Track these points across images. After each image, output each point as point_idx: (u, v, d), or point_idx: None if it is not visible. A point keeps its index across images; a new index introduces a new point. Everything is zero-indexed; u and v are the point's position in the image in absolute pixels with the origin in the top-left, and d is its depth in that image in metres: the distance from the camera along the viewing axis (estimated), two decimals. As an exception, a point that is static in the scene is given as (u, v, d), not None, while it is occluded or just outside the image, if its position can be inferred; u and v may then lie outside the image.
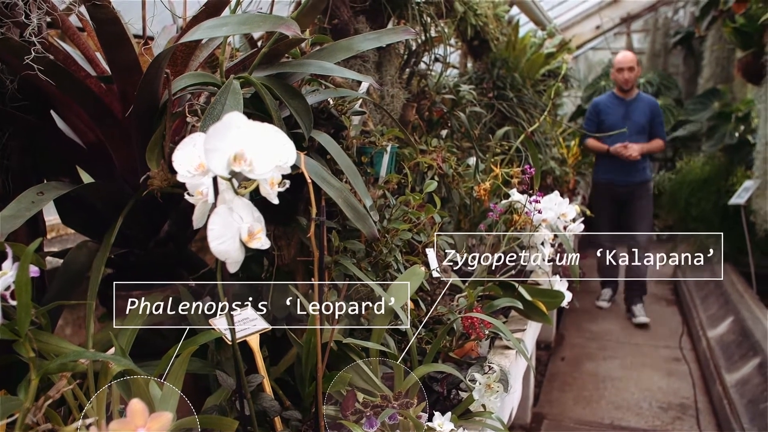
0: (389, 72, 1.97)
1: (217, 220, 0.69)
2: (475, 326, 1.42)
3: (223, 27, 0.94)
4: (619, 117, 4.98)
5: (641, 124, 4.97)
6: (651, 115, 5.01)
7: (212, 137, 0.62)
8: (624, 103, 5.05)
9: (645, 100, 5.10)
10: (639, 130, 4.96)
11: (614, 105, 5.08)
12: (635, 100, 5.05)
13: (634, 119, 4.96)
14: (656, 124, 5.01)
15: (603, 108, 5.10)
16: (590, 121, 5.14)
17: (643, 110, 5.00)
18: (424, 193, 1.69)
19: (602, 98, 5.28)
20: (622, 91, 5.06)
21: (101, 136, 1.30)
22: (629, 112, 4.99)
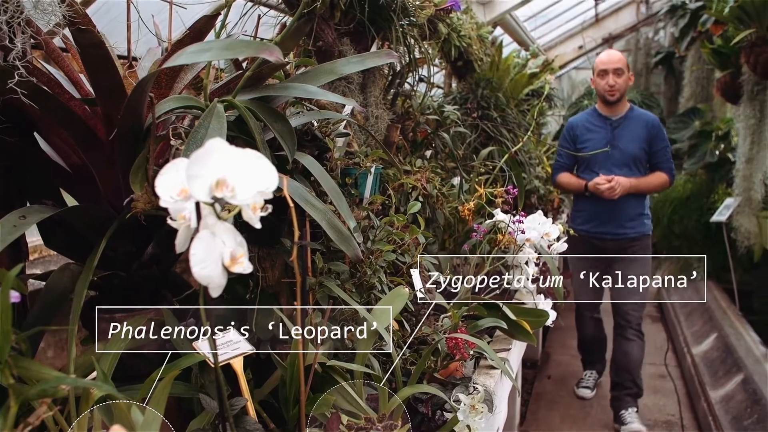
0: (374, 93, 1.99)
1: (199, 244, 0.69)
2: (459, 346, 1.43)
3: (206, 52, 0.95)
4: (602, 142, 3.52)
5: (633, 152, 3.47)
6: (649, 138, 3.48)
7: (194, 163, 0.63)
8: (609, 123, 3.54)
9: (640, 118, 3.54)
10: (630, 160, 3.48)
11: (596, 126, 3.58)
12: (625, 119, 3.52)
13: (624, 145, 3.48)
14: (658, 151, 3.50)
15: (580, 131, 3.60)
16: (563, 150, 3.65)
17: (637, 132, 3.48)
18: (408, 214, 1.71)
19: (579, 117, 3.71)
20: (607, 105, 3.55)
21: (85, 159, 1.30)
22: (617, 136, 3.50)
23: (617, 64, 3.47)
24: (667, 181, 3.52)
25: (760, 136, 4.80)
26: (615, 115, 3.55)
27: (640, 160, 3.49)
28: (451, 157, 2.52)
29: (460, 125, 2.74)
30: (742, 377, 3.83)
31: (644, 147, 3.47)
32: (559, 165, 3.68)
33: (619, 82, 3.46)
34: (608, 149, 3.46)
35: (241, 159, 0.66)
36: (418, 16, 2.10)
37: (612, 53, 3.57)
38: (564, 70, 9.15)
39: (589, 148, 3.52)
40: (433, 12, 2.13)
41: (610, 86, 3.46)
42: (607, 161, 3.47)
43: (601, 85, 3.50)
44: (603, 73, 3.49)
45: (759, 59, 4.04)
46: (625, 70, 3.49)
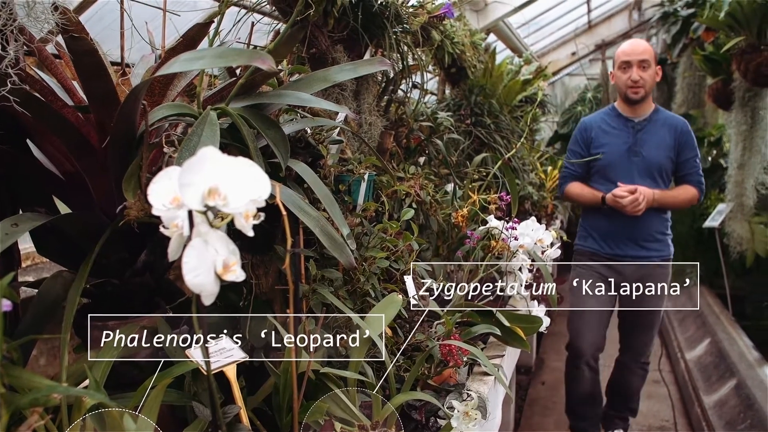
0: (367, 100, 1.99)
1: (191, 253, 0.69)
2: (453, 353, 1.43)
3: (199, 60, 0.95)
4: (621, 148, 2.95)
5: (658, 160, 2.91)
6: (677, 145, 2.93)
7: (187, 172, 0.63)
8: (631, 126, 2.95)
9: (667, 122, 2.96)
10: (655, 170, 2.92)
11: (615, 128, 2.98)
12: (650, 121, 2.94)
13: (648, 152, 2.91)
14: (686, 161, 2.95)
15: (596, 132, 3.01)
16: (574, 154, 3.07)
17: (663, 138, 2.92)
18: (402, 220, 1.71)
19: (595, 117, 3.11)
20: (629, 104, 2.96)
21: (78, 166, 1.30)
22: (640, 141, 2.92)
23: (643, 55, 2.83)
24: (696, 196, 2.94)
25: (752, 143, 4.84)
26: (638, 116, 2.93)
27: (666, 170, 2.92)
28: (444, 163, 2.53)
29: (453, 132, 2.75)
30: (736, 382, 3.84)
31: (671, 155, 2.90)
32: (569, 173, 3.04)
33: (645, 77, 2.84)
34: (629, 156, 2.92)
35: (233, 167, 0.66)
36: (411, 24, 2.11)
37: (637, 43, 2.92)
38: (557, 77, 9.19)
39: (606, 154, 2.95)
40: (426, 19, 2.14)
41: (634, 82, 2.84)
42: (628, 170, 2.89)
43: (623, 80, 2.88)
44: (625, 66, 2.88)
45: (749, 66, 4.07)
46: (653, 63, 2.86)
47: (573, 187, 3.05)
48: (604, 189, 2.94)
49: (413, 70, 2.44)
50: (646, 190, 2.80)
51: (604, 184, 2.95)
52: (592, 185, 3.01)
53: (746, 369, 3.95)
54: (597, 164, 2.96)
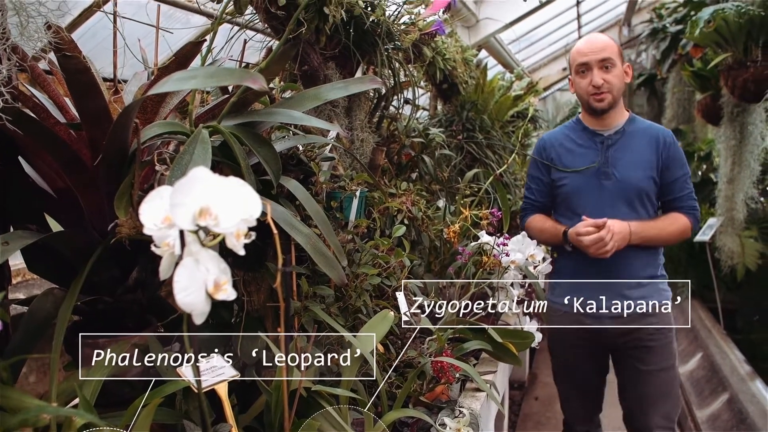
0: (359, 117, 2.00)
1: (183, 272, 0.69)
2: (444, 370, 1.43)
3: (191, 80, 0.96)
4: (588, 169, 2.23)
5: (635, 182, 2.19)
6: (660, 162, 2.22)
7: (178, 192, 0.64)
8: (599, 141, 2.24)
9: (645, 133, 2.25)
10: (632, 195, 2.20)
11: (580, 144, 2.27)
12: (623, 134, 2.25)
13: (622, 173, 2.20)
14: (674, 182, 2.24)
15: (557, 152, 2.31)
16: (533, 180, 2.37)
17: (641, 153, 2.22)
18: (393, 237, 1.71)
19: (556, 133, 2.39)
20: (594, 115, 2.26)
21: (70, 183, 1.30)
22: (612, 159, 2.21)
23: (603, 53, 2.15)
24: (688, 227, 2.24)
25: (741, 157, 4.88)
26: (607, 128, 2.23)
27: (647, 194, 2.19)
28: (436, 179, 2.54)
29: (445, 147, 2.77)
30: (728, 396, 3.85)
31: (652, 175, 2.18)
32: (529, 204, 2.36)
33: (610, 79, 2.16)
34: (598, 179, 2.19)
35: (224, 187, 0.67)
36: (402, 41, 2.13)
37: (594, 38, 2.22)
38: (548, 92, 9.26)
39: (569, 178, 2.22)
40: (417, 36, 2.16)
41: (596, 87, 2.15)
42: (597, 198, 2.18)
43: (583, 86, 2.20)
44: (583, 69, 2.19)
45: (737, 82, 4.12)
46: (617, 60, 2.18)
47: (534, 221, 2.33)
48: (569, 223, 2.20)
49: (405, 86, 2.46)
50: (618, 225, 2.08)
51: (570, 217, 2.22)
52: (557, 218, 2.31)
53: (738, 383, 3.96)
54: (560, 191, 2.25)
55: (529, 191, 2.37)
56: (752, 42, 3.96)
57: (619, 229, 2.08)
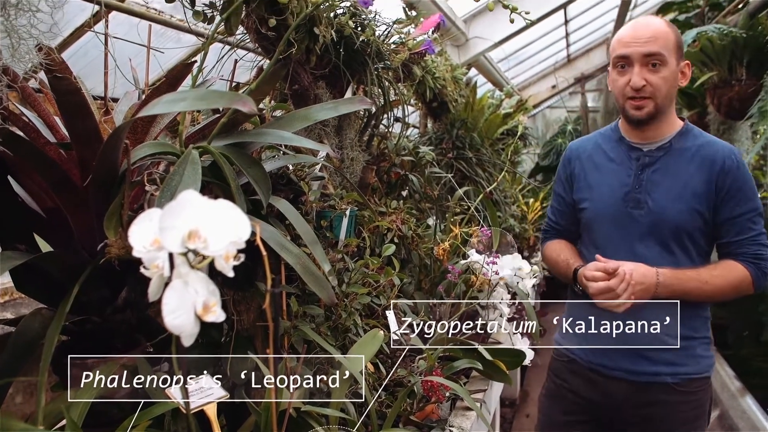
0: (349, 135, 2.02)
1: (171, 294, 0.70)
2: (435, 389, 1.43)
3: (181, 102, 0.97)
4: (615, 192, 1.73)
5: (674, 216, 1.65)
6: (714, 191, 1.63)
7: (167, 215, 0.64)
8: (635, 158, 1.73)
9: (700, 152, 1.66)
10: (667, 233, 1.67)
11: (611, 159, 1.78)
12: (668, 151, 1.69)
13: (656, 202, 1.67)
14: (733, 220, 1.64)
15: (583, 165, 1.83)
16: (557, 198, 1.94)
17: (687, 179, 1.65)
18: (383, 256, 1.72)
19: (586, 141, 1.90)
20: (632, 125, 1.72)
21: (59, 203, 1.30)
22: (646, 183, 1.69)
23: (649, 45, 1.60)
24: (748, 281, 1.63)
25: (728, 174, 4.93)
26: (649, 142, 1.70)
27: (689, 233, 1.65)
28: (426, 197, 2.55)
29: (435, 165, 2.78)
30: (719, 413, 3.85)
31: (698, 209, 1.63)
32: (549, 226, 1.95)
33: (655, 80, 1.61)
34: (626, 207, 1.69)
35: (213, 210, 0.67)
36: (392, 60, 2.15)
37: (643, 24, 1.65)
38: (538, 109, 9.34)
39: (592, 201, 1.76)
40: (407, 56, 2.18)
41: (636, 90, 1.62)
42: (624, 231, 1.69)
43: (619, 86, 1.66)
44: (622, 63, 1.65)
45: (722, 100, 4.19)
46: (670, 57, 1.61)
47: (550, 249, 1.90)
48: (589, 258, 1.73)
49: (395, 105, 2.48)
50: (640, 272, 1.57)
51: (591, 251, 1.75)
52: (580, 249, 1.86)
53: (729, 399, 3.97)
54: (581, 216, 1.80)
55: (552, 211, 1.93)
56: (736, 61, 4.03)
57: (640, 277, 1.55)
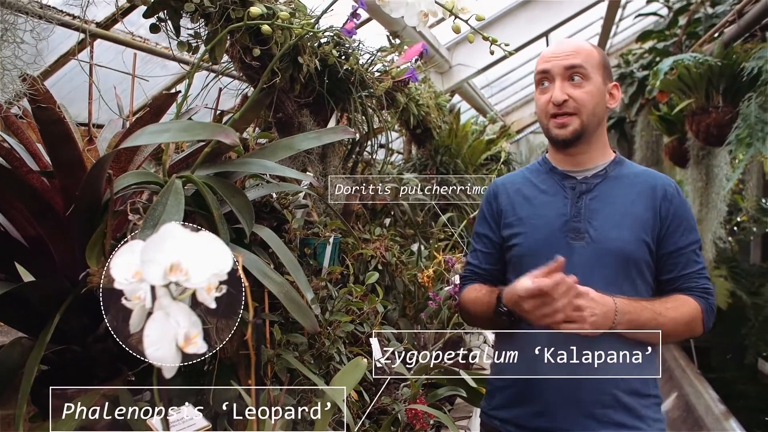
0: (333, 162, 2.03)
1: (153, 326, 0.70)
2: (419, 417, 1.43)
3: (164, 133, 0.98)
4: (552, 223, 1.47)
5: (620, 245, 1.42)
6: (658, 221, 1.45)
7: (148, 248, 0.65)
8: (569, 186, 1.49)
9: (638, 180, 1.49)
10: (615, 263, 1.42)
11: (543, 190, 1.53)
12: (605, 178, 1.49)
13: (599, 231, 1.43)
14: (678, 252, 1.45)
15: (510, 199, 1.55)
16: (479, 239, 1.59)
17: (630, 207, 1.46)
18: (367, 284, 1.73)
19: (512, 177, 1.64)
20: (559, 149, 1.51)
21: (41, 231, 1.30)
22: (586, 211, 1.46)
23: (571, 59, 1.44)
24: (699, 317, 1.44)
25: (708, 198, 5.00)
26: (581, 168, 1.51)
27: (636, 264, 1.45)
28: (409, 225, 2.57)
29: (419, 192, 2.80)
30: (703, 437, 3.87)
31: (645, 238, 1.45)
32: (470, 272, 1.60)
33: (578, 95, 1.44)
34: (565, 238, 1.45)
35: (195, 242, 0.68)
36: (376, 88, 2.18)
37: (564, 41, 1.52)
38: (522, 134, 9.45)
39: (523, 236, 1.49)
40: (390, 84, 2.21)
41: (557, 105, 1.44)
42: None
43: (540, 104, 1.49)
44: (544, 81, 1.48)
45: (700, 126, 4.26)
46: (594, 73, 1.45)
47: (468, 291, 1.56)
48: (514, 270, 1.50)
49: (379, 132, 2.50)
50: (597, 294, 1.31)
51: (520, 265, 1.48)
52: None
53: (713, 422, 3.98)
54: (511, 254, 1.52)
55: (473, 256, 1.60)
56: (713, 89, 4.11)
57: (597, 296, 1.30)
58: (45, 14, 1.20)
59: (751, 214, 6.08)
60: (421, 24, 1.17)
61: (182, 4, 1.40)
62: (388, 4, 1.16)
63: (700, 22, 5.36)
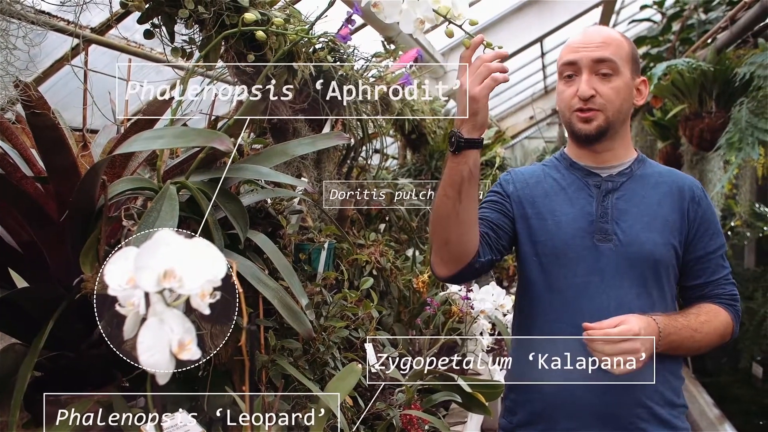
0: (328, 168, 2.03)
1: (146, 332, 0.70)
2: (413, 423, 1.43)
3: (159, 140, 0.98)
4: (577, 221, 1.38)
5: (651, 248, 1.34)
6: (686, 224, 1.38)
7: (142, 255, 0.65)
8: (594, 184, 1.41)
9: (663, 179, 1.41)
10: (645, 268, 1.35)
11: (564, 186, 1.42)
12: (631, 177, 1.40)
13: (628, 233, 1.35)
14: (706, 257, 1.40)
15: (530, 190, 1.44)
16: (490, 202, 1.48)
17: (657, 206, 1.38)
18: (361, 289, 1.73)
19: (532, 170, 1.51)
20: (581, 144, 1.42)
21: (35, 237, 1.30)
22: (612, 211, 1.37)
23: (600, 51, 1.35)
24: (730, 328, 1.41)
25: (702, 203, 5.01)
26: (607, 165, 1.43)
27: (666, 270, 1.38)
28: (404, 230, 2.57)
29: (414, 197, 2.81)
30: (698, 442, 3.87)
31: (674, 242, 1.38)
32: None
33: (605, 91, 1.35)
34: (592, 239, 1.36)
35: (189, 248, 0.68)
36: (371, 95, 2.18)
37: (594, 30, 1.42)
38: (516, 140, 9.48)
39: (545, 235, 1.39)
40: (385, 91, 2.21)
41: (583, 99, 1.35)
42: (590, 269, 1.36)
43: (565, 97, 1.39)
44: (569, 72, 1.38)
45: (693, 131, 4.28)
46: (624, 68, 1.37)
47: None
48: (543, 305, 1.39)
49: (374, 137, 2.50)
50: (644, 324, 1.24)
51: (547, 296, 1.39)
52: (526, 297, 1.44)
53: (708, 427, 3.99)
54: (534, 250, 1.41)
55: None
56: (706, 94, 4.14)
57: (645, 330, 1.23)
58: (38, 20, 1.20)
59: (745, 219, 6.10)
60: (417, 31, 1.17)
61: (176, 10, 1.41)
62: (383, 10, 1.16)
63: (693, 28, 5.39)
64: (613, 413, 1.30)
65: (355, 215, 2.24)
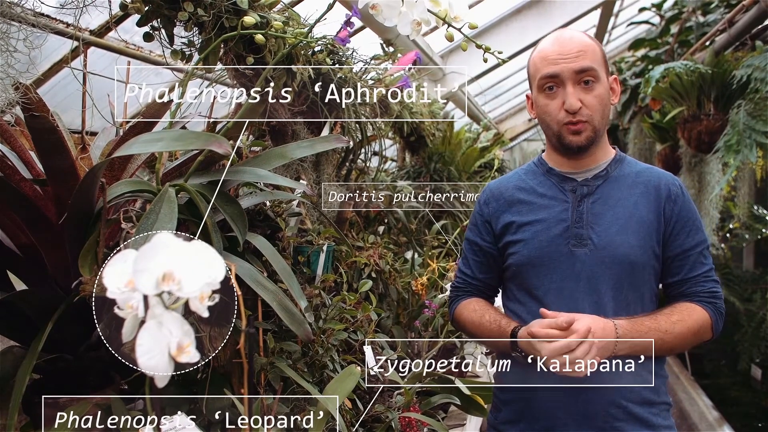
0: (326, 170, 2.04)
1: (145, 335, 0.70)
2: (412, 425, 1.43)
3: (158, 142, 0.98)
4: (551, 229, 1.40)
5: (626, 252, 1.35)
6: (664, 222, 1.38)
7: (141, 258, 0.65)
8: (570, 189, 1.43)
9: (640, 179, 1.42)
10: (620, 271, 1.35)
11: (542, 194, 1.45)
12: (606, 179, 1.42)
13: (602, 237, 1.37)
14: (684, 254, 1.39)
15: (510, 202, 1.47)
16: (470, 247, 1.54)
17: (634, 209, 1.38)
18: (360, 292, 1.73)
19: (507, 179, 1.53)
20: (565, 154, 1.43)
21: (34, 240, 1.30)
22: (588, 216, 1.39)
23: (581, 61, 1.35)
24: (708, 326, 1.37)
25: (700, 206, 5.02)
26: (583, 170, 1.44)
27: (643, 272, 1.39)
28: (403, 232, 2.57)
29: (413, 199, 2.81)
30: (697, 444, 3.87)
31: (651, 244, 1.38)
32: (462, 281, 1.56)
33: (590, 101, 1.36)
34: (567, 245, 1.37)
35: (188, 252, 0.68)
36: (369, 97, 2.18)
37: (567, 37, 1.40)
38: (515, 142, 9.48)
39: (521, 244, 1.42)
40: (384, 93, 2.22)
41: (572, 112, 1.35)
42: (566, 274, 1.38)
43: (551, 111, 1.39)
44: (551, 85, 1.38)
45: (692, 134, 4.29)
46: (601, 72, 1.38)
47: (467, 309, 1.50)
48: (522, 312, 1.42)
49: (373, 140, 2.51)
50: (600, 325, 1.26)
51: (523, 303, 1.43)
52: (506, 303, 1.51)
53: (707, 429, 3.99)
54: (509, 263, 1.45)
55: (464, 264, 1.55)
56: (704, 96, 4.14)
57: (599, 331, 1.25)
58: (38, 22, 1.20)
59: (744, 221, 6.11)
60: (414, 33, 1.18)
61: (176, 13, 1.41)
62: (381, 12, 1.17)
63: (691, 30, 5.40)
64: (589, 413, 1.34)
65: (354, 217, 2.24)
